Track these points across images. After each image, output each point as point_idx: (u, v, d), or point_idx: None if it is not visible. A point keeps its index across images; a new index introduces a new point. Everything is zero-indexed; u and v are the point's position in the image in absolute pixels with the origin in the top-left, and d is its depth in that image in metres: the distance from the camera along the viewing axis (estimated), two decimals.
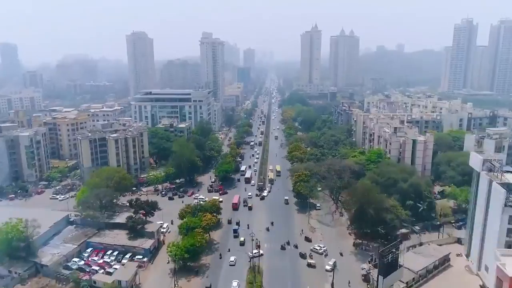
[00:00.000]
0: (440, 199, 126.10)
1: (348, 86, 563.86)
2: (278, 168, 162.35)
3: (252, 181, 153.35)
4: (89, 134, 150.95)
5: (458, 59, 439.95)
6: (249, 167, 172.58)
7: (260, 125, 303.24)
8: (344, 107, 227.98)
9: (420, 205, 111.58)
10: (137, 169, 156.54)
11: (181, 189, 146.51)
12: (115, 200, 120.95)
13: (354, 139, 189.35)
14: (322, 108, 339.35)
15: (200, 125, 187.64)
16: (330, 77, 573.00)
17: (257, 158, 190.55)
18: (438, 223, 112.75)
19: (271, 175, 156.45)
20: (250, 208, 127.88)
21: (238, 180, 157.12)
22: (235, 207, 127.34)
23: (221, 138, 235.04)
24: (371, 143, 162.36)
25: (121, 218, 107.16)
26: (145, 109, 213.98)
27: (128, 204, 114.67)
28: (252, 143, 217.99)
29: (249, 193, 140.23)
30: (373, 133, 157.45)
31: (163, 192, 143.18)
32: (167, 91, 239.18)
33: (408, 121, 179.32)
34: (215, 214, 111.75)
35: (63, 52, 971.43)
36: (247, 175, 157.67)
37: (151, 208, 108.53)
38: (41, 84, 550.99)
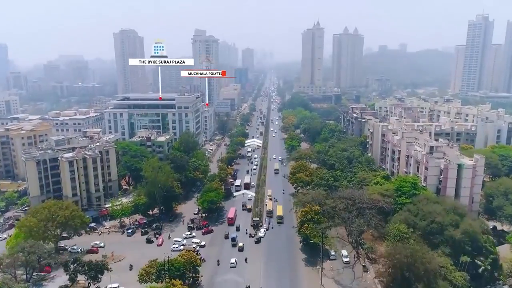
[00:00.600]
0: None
1: (352, 87, 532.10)
2: (280, 211, 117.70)
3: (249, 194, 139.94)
4: (37, 154, 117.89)
5: (473, 58, 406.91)
6: (247, 172, 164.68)
7: (258, 125, 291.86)
8: (355, 114, 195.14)
9: (480, 263, 79.13)
10: (100, 197, 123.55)
11: (154, 224, 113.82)
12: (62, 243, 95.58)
13: (370, 154, 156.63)
14: (327, 113, 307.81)
15: (183, 139, 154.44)
16: (333, 78, 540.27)
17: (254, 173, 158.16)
18: (505, 287, 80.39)
19: (269, 204, 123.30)
20: (249, 210, 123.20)
21: (234, 196, 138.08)
22: (231, 222, 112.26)
23: (211, 150, 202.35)
24: (395, 163, 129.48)
25: (54, 286, 74.49)
26: (121, 118, 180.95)
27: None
28: (249, 153, 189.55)
29: (249, 195, 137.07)
30: (399, 150, 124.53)
31: (129, 231, 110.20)
32: (148, 96, 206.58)
33: (437, 133, 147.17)
34: (190, 275, 79.55)
35: (58, 53, 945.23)
36: (246, 180, 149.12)
37: (96, 271, 75.61)
38: (26, 85, 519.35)
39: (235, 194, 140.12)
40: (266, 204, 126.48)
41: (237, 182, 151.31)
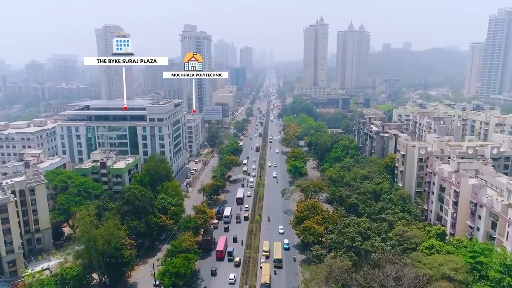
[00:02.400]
0: None
1: (358, 88, 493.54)
2: None
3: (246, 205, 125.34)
4: None
5: (494, 57, 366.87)
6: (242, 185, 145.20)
7: (257, 125, 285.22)
8: (374, 127, 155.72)
9: None
10: (16, 260, 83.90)
11: None
12: None
13: (401, 185, 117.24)
14: (334, 119, 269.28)
15: (150, 166, 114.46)
16: (336, 78, 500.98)
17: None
18: None
19: (266, 274, 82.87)
20: (246, 219, 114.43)
21: (227, 226, 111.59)
22: (220, 256, 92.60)
23: (194, 172, 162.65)
24: (447, 206, 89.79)
25: None
26: (77, 133, 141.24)
27: None
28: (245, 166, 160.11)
29: (246, 206, 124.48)
30: (456, 191, 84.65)
31: None
32: (114, 104, 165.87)
33: (493, 157, 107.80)
34: None
35: (51, 52, 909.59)
36: (239, 194, 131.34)
37: None
38: (4, 87, 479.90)
39: (225, 225, 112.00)
40: (260, 267, 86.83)
41: (227, 211, 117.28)
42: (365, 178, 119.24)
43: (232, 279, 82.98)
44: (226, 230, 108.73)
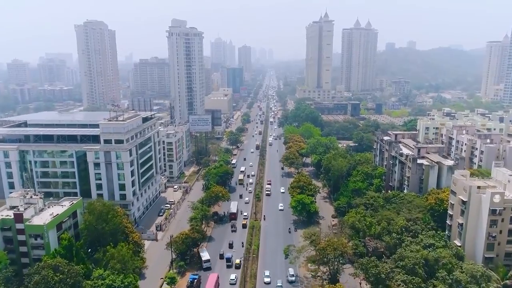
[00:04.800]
0: None
1: (364, 91, 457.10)
2: None
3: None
4: None
5: None
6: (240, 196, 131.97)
7: (257, 123, 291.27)
8: (403, 147, 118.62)
9: None
10: None
11: None
12: None
13: (458, 243, 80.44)
14: (344, 129, 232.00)
15: (88, 220, 77.04)
16: (341, 79, 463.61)
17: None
18: None
19: None
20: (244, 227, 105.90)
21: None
22: None
23: (170, 206, 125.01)
24: None
25: None
26: (6, 159, 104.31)
27: None
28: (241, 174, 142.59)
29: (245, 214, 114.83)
30: None
31: None
32: (62, 118, 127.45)
33: None
34: None
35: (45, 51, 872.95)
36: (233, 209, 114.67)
37: None
38: None
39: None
40: None
41: (204, 255, 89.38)
42: (405, 230, 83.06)
43: (233, 279, 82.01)
44: (221, 257, 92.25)
